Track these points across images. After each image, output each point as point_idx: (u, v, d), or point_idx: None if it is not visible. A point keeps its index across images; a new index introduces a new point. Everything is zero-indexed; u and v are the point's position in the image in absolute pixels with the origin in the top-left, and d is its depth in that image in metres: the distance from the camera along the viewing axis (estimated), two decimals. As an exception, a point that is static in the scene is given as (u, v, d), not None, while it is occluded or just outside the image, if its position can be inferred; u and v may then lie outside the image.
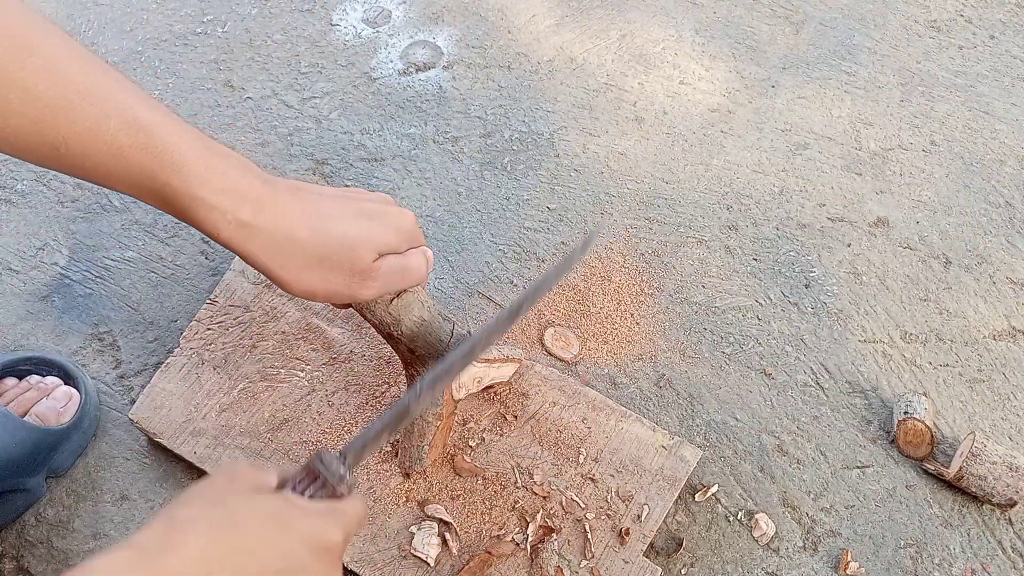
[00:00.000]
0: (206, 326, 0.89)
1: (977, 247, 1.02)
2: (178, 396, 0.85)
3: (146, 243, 1.01)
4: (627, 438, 0.82)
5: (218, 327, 0.89)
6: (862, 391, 0.91)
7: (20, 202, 1.05)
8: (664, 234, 1.02)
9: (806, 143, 1.11)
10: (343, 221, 0.60)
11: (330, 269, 0.59)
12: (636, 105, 1.14)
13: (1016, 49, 1.21)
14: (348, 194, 0.63)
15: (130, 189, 0.56)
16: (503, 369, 0.83)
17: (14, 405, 0.82)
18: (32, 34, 0.52)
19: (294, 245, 0.58)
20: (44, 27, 0.53)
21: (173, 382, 0.85)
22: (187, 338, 0.88)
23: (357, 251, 0.59)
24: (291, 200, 0.58)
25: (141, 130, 0.53)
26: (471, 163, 1.08)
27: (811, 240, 1.02)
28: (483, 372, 0.80)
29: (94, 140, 0.53)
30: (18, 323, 0.95)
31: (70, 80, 0.52)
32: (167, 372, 0.86)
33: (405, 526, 0.77)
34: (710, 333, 0.95)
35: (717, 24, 1.23)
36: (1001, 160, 1.10)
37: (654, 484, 0.79)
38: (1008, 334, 0.95)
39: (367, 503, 0.56)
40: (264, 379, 0.85)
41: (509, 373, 0.84)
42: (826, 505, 0.84)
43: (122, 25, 1.21)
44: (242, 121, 1.12)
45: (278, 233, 0.57)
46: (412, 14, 1.23)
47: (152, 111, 0.54)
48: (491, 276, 0.99)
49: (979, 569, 0.80)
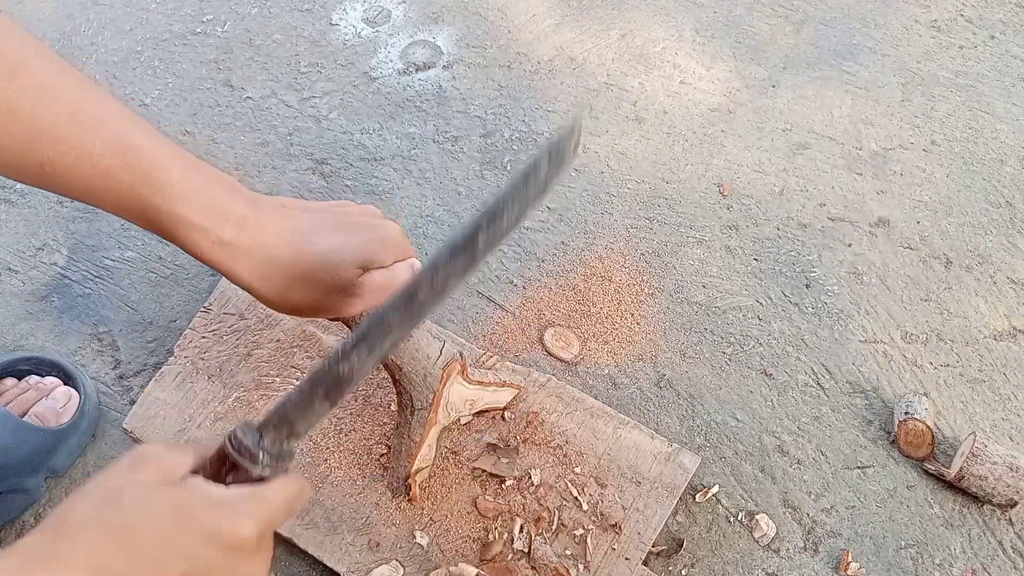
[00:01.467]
0: (200, 334, 0.88)
1: (978, 247, 1.02)
2: (172, 405, 0.84)
3: (146, 243, 1.01)
4: (626, 445, 0.82)
5: (212, 335, 0.88)
6: (863, 391, 0.91)
7: (20, 202, 1.05)
8: (664, 234, 1.02)
9: (807, 143, 1.11)
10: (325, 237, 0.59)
11: (313, 286, 0.59)
12: (636, 105, 1.14)
13: (1016, 49, 1.21)
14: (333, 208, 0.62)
15: (115, 208, 0.55)
16: (499, 394, 0.81)
17: (13, 405, 0.82)
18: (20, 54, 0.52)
19: (275, 264, 0.57)
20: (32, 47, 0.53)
21: (167, 391, 0.85)
22: (181, 347, 0.88)
23: (338, 268, 0.59)
24: (273, 219, 0.58)
25: (127, 150, 0.53)
26: (471, 163, 1.08)
27: (812, 240, 1.02)
28: (477, 395, 0.78)
29: (80, 160, 0.53)
30: (17, 323, 0.95)
31: (57, 100, 0.52)
32: (161, 381, 0.86)
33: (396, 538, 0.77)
34: (710, 333, 0.95)
35: (717, 24, 1.23)
36: (1002, 160, 1.10)
37: (653, 491, 0.79)
38: (1009, 334, 0.95)
39: (303, 482, 0.51)
40: (259, 387, 0.85)
41: (506, 399, 0.82)
42: (827, 506, 0.84)
43: (122, 25, 1.21)
44: (242, 121, 1.12)
45: (260, 252, 0.57)
46: (412, 14, 1.23)
47: (138, 131, 0.54)
48: (491, 276, 0.99)
49: (979, 569, 0.80)
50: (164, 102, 1.13)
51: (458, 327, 0.94)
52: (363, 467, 0.80)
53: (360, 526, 0.77)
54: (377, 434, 0.82)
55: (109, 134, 0.53)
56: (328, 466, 0.80)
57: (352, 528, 0.77)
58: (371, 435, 0.82)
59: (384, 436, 0.82)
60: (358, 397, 0.84)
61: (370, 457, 0.81)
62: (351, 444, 0.81)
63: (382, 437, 0.82)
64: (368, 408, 0.84)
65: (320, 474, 0.80)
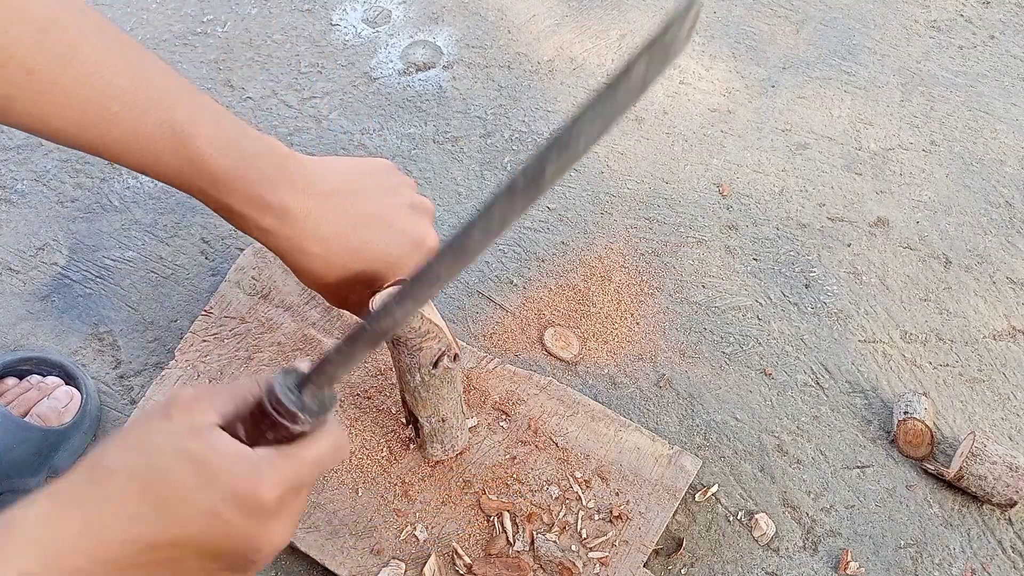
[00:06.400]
0: (201, 338, 0.88)
1: (977, 247, 1.02)
2: None
3: (146, 243, 1.01)
4: (627, 448, 0.82)
5: (213, 339, 0.88)
6: (862, 391, 0.91)
7: (20, 202, 1.05)
8: (664, 234, 1.02)
9: (806, 143, 1.11)
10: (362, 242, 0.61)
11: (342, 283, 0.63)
12: (636, 105, 1.14)
13: (1016, 49, 1.21)
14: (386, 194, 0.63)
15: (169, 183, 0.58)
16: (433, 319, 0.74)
17: (15, 405, 0.82)
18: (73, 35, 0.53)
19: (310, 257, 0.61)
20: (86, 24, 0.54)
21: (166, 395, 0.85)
22: (182, 350, 0.87)
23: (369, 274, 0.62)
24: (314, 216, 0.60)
25: (175, 135, 0.55)
26: (471, 163, 1.08)
27: (811, 240, 1.02)
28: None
29: (133, 142, 0.55)
30: (18, 323, 0.95)
31: (109, 83, 0.54)
32: (162, 384, 0.85)
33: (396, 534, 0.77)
34: (710, 333, 0.95)
35: (717, 24, 1.23)
36: (1001, 160, 1.10)
37: (654, 494, 0.79)
38: (1008, 334, 0.95)
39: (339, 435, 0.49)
40: None
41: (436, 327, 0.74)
42: (826, 505, 0.84)
43: (122, 25, 1.21)
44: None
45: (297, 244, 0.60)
46: (412, 14, 1.23)
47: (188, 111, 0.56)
48: (491, 276, 0.99)
49: (979, 569, 0.80)
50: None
51: (458, 327, 0.94)
52: (364, 470, 0.80)
53: (362, 529, 0.77)
54: (378, 435, 0.82)
55: (159, 119, 0.55)
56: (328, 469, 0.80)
57: (354, 532, 0.77)
58: (372, 438, 0.82)
59: (385, 438, 0.82)
60: (360, 402, 0.84)
61: (372, 460, 0.81)
62: (352, 447, 0.82)
63: (383, 439, 0.82)
64: (369, 412, 0.84)
65: (321, 478, 0.80)
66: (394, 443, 0.81)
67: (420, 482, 0.79)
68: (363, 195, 0.62)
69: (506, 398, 0.84)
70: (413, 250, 0.63)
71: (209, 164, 0.56)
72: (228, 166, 0.56)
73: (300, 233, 0.59)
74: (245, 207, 0.58)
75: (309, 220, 0.59)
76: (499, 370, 0.86)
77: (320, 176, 0.61)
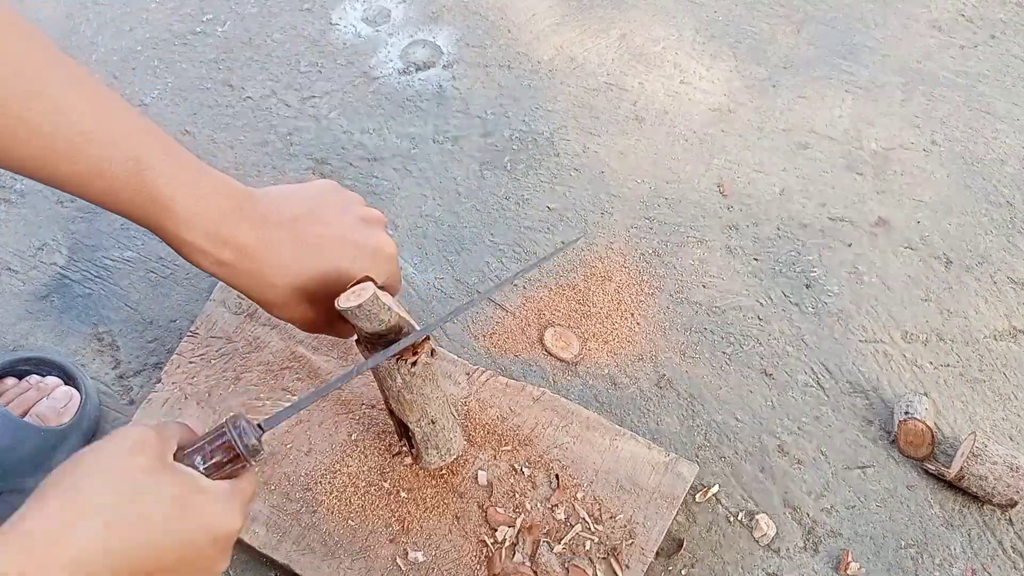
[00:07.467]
0: (188, 359, 0.87)
1: (978, 247, 1.02)
2: None
3: (145, 243, 1.01)
4: (622, 456, 0.81)
5: (200, 360, 0.87)
6: (863, 391, 0.91)
7: (20, 202, 1.05)
8: (664, 234, 1.02)
9: (807, 143, 1.11)
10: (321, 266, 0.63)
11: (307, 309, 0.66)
12: (636, 104, 1.14)
13: (1017, 49, 1.21)
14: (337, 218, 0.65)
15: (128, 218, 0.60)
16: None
17: (14, 405, 0.82)
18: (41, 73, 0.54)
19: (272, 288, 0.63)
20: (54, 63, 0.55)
21: (156, 417, 0.83)
22: (169, 372, 0.86)
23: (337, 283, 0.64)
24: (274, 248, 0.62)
25: (138, 173, 0.57)
26: (471, 163, 1.08)
27: (812, 240, 1.02)
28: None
29: (94, 179, 0.56)
30: (17, 323, 0.95)
31: (75, 122, 0.55)
32: (150, 407, 0.84)
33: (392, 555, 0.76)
34: (710, 333, 0.95)
35: (717, 23, 1.23)
36: (1002, 160, 1.10)
37: (652, 503, 0.79)
38: (1009, 334, 0.95)
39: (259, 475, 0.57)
40: (249, 411, 0.83)
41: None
42: (827, 505, 0.84)
43: (121, 24, 1.21)
44: (241, 121, 1.12)
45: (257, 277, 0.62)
46: (412, 13, 1.23)
47: (150, 149, 0.57)
48: (491, 276, 0.99)
49: (979, 569, 0.80)
50: (164, 102, 1.13)
51: (458, 327, 0.94)
52: (359, 490, 0.79)
53: (358, 550, 0.76)
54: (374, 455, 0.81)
55: (122, 156, 0.56)
56: (323, 490, 0.79)
57: (350, 552, 0.76)
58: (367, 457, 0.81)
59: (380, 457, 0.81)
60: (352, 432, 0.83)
61: (367, 482, 0.80)
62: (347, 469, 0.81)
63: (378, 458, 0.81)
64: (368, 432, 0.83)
65: (315, 499, 0.79)
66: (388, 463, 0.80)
67: (418, 500, 0.79)
68: (316, 218, 0.64)
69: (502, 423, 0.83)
70: (373, 260, 0.65)
71: (170, 201, 0.58)
72: (189, 201, 0.58)
73: (261, 266, 0.62)
74: (204, 243, 0.60)
75: (271, 252, 0.62)
76: (492, 383, 0.86)
77: (275, 208, 0.63)
